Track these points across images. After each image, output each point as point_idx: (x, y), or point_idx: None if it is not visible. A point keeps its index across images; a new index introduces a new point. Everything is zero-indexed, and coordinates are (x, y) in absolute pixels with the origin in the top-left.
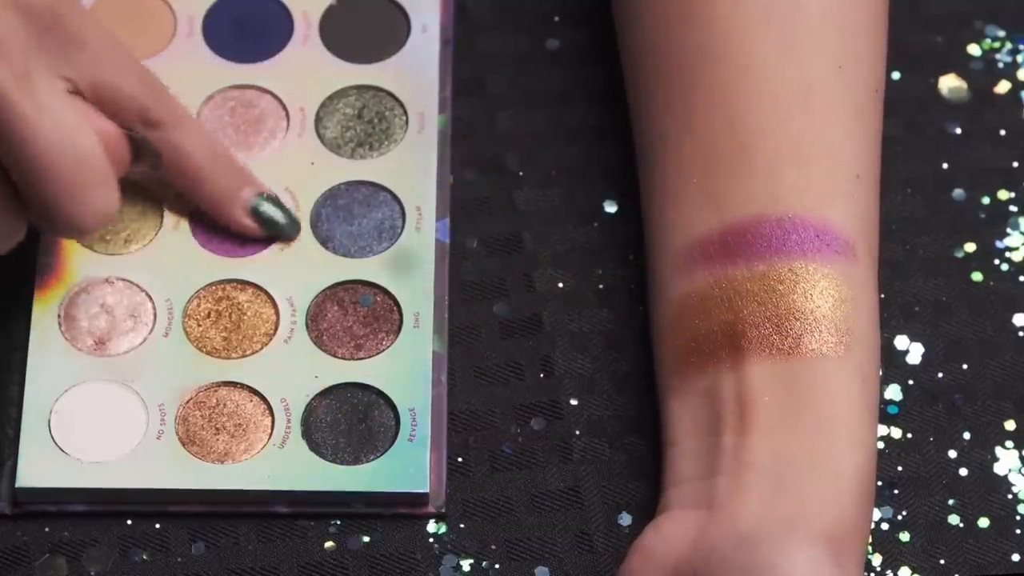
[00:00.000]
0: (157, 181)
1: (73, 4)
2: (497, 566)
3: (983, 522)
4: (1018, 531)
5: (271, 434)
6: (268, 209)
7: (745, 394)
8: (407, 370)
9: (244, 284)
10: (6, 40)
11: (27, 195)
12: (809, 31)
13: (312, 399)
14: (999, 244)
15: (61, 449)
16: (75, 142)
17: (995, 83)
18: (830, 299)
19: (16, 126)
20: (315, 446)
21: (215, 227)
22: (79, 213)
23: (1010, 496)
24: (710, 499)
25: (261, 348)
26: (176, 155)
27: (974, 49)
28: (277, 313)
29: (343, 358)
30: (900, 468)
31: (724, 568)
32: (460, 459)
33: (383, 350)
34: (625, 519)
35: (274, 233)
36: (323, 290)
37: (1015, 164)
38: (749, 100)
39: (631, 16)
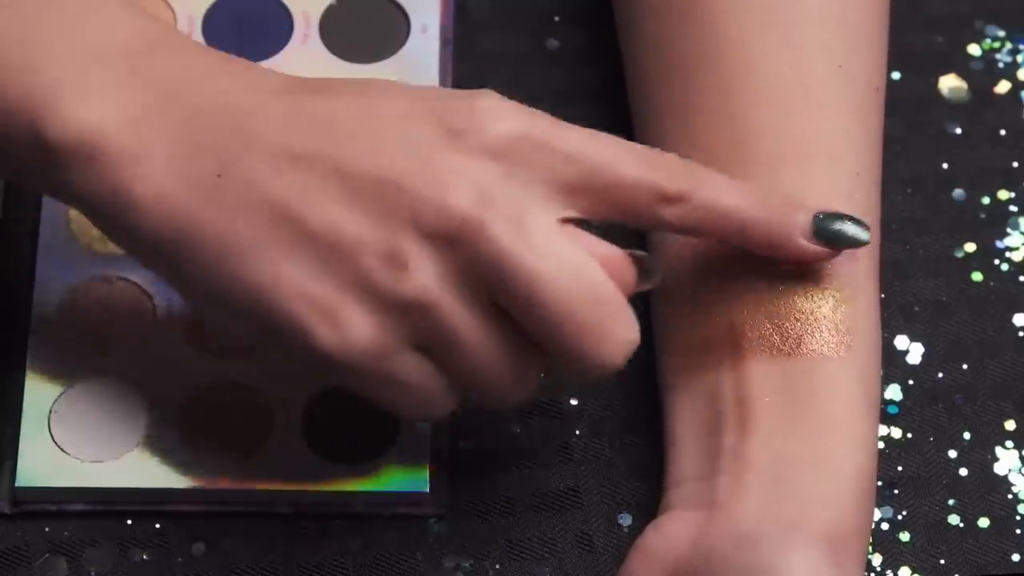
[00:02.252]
0: None
1: (536, 120)
2: (497, 566)
3: (983, 522)
4: (1018, 531)
5: (271, 434)
6: (832, 225)
7: (746, 394)
8: None
9: None
10: (490, 188)
11: (547, 344)
12: (809, 29)
13: (312, 399)
14: (999, 244)
15: (61, 449)
16: (582, 278)
17: (995, 83)
18: (831, 299)
19: (515, 275)
20: (315, 446)
21: None
22: (603, 350)
23: (1010, 496)
24: (711, 499)
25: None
26: (715, 217)
27: (974, 49)
28: None
29: None
30: (900, 468)
31: (724, 568)
32: (460, 459)
33: None
34: (625, 519)
35: (849, 245)
36: None
37: (1015, 164)
38: (749, 98)
39: (632, 13)
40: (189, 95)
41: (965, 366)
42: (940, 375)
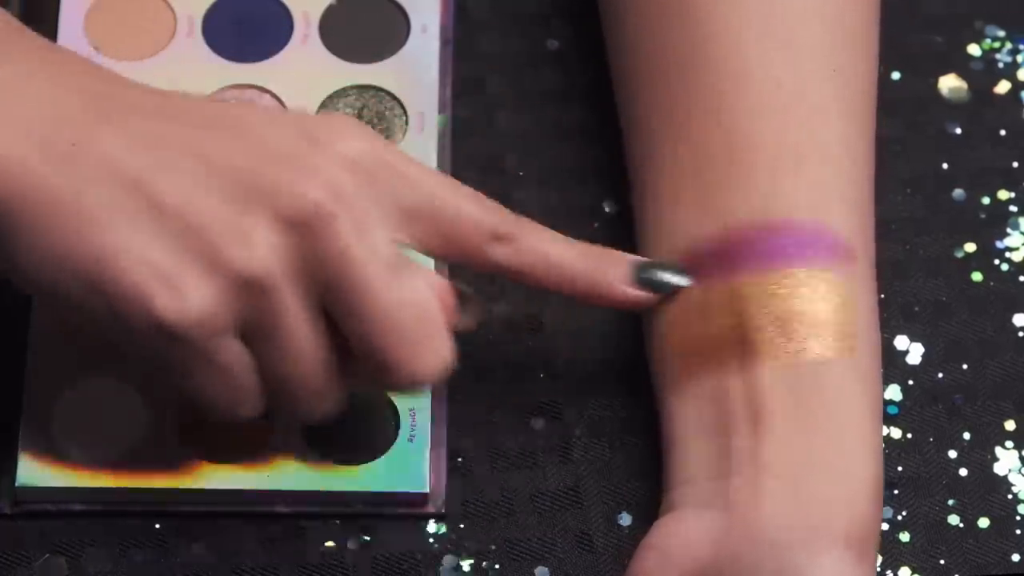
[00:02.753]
0: None
1: (387, 146)
2: (497, 566)
3: (983, 522)
4: (1018, 531)
5: (271, 434)
6: (650, 274)
7: (756, 397)
8: None
9: None
10: (345, 190)
11: (365, 351)
12: (805, 31)
13: None
14: (999, 244)
15: (61, 449)
16: (412, 293)
17: (995, 83)
18: (832, 302)
19: (357, 278)
20: (315, 445)
21: None
22: (420, 365)
23: (1010, 496)
24: (725, 500)
25: None
26: (541, 262)
27: (974, 49)
28: None
29: None
30: (900, 468)
31: (753, 572)
32: (460, 459)
33: None
34: (625, 519)
35: (670, 290)
36: None
37: (1015, 164)
38: (745, 102)
39: (619, 15)
40: (55, 67)
41: (965, 366)
42: (940, 375)
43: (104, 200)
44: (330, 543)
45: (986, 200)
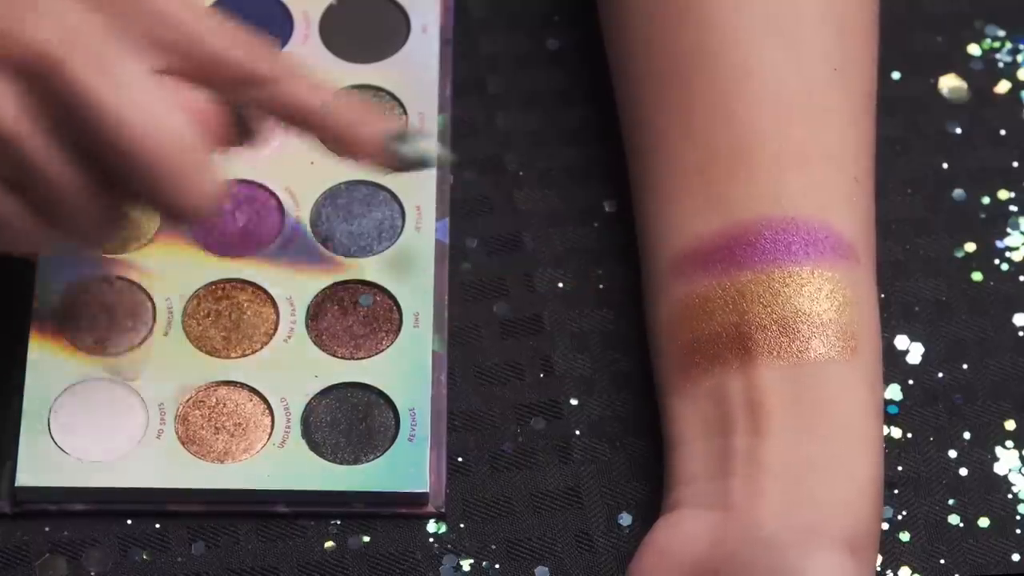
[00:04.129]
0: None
1: None
2: (497, 566)
3: (983, 522)
4: (1018, 531)
5: (271, 434)
6: (401, 148)
7: (756, 397)
8: (407, 370)
9: (244, 284)
10: (78, 29)
11: (127, 185)
12: (809, 33)
13: (312, 399)
14: (999, 244)
15: (61, 449)
16: (162, 124)
17: (995, 83)
18: (836, 302)
19: (98, 115)
20: (315, 446)
21: (214, 227)
22: (183, 197)
23: (1010, 496)
24: (725, 500)
25: (261, 347)
26: (296, 108)
27: (974, 49)
28: (277, 312)
29: (343, 358)
30: (900, 468)
31: (749, 571)
32: (460, 459)
33: (383, 350)
34: (625, 519)
35: (412, 168)
36: (323, 290)
37: (1015, 164)
38: (749, 102)
39: (622, 14)
40: None
41: (965, 366)
42: (940, 375)
43: None
44: (330, 543)
45: (986, 200)
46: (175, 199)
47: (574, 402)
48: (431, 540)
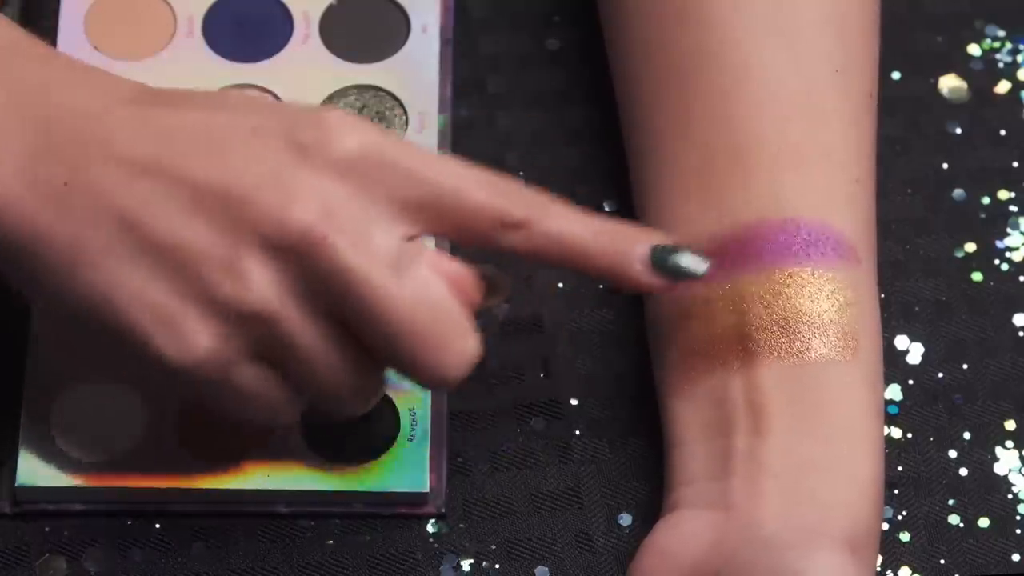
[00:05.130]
0: None
1: (382, 139)
2: (497, 566)
3: (983, 522)
4: (1018, 531)
5: (271, 434)
6: (668, 257)
7: (757, 397)
8: None
9: None
10: (335, 204)
11: (385, 358)
12: (809, 33)
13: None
14: (999, 244)
15: (61, 449)
16: (425, 296)
17: (995, 83)
18: (836, 303)
19: (361, 293)
20: (315, 446)
21: None
22: (442, 364)
23: (1010, 496)
24: (725, 501)
25: None
26: (555, 245)
27: (974, 49)
28: None
29: None
30: (900, 468)
31: (749, 572)
32: (460, 459)
33: None
34: (625, 519)
35: (686, 277)
36: None
37: (1015, 164)
38: (749, 102)
39: (622, 15)
40: (40, 101)
41: (965, 366)
42: (940, 375)
43: (97, 240)
44: (330, 543)
45: (986, 200)
46: (435, 369)
47: (574, 402)
48: (431, 540)
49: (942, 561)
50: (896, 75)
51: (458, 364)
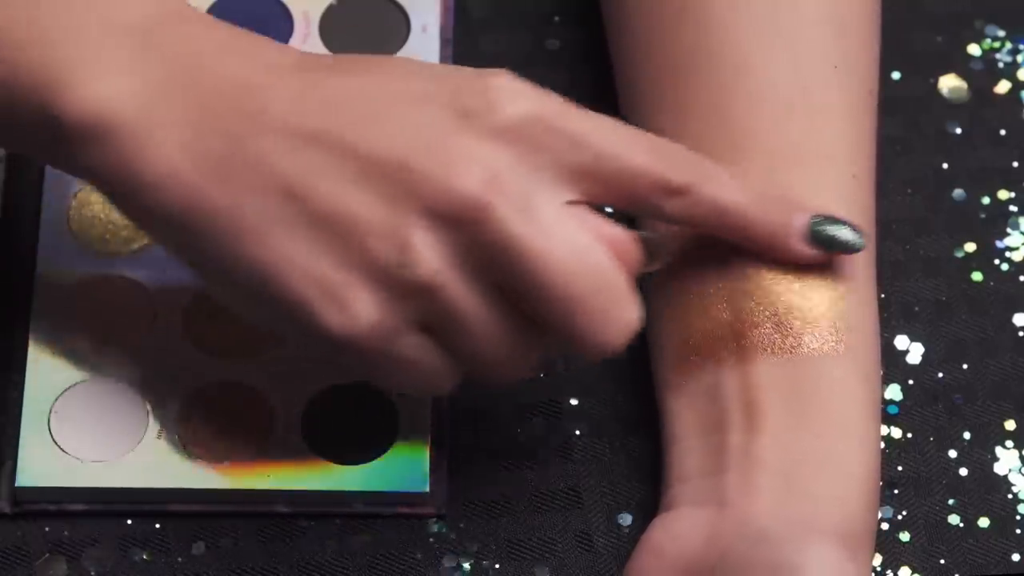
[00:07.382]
0: None
1: (548, 103)
2: (497, 566)
3: (983, 522)
4: (1018, 531)
5: (271, 434)
6: (827, 228)
7: (750, 393)
8: None
9: None
10: (499, 171)
11: (549, 326)
12: (807, 30)
13: (312, 399)
14: (999, 244)
15: (61, 449)
16: (587, 262)
17: (995, 83)
18: (827, 296)
19: (524, 260)
20: (315, 446)
21: None
22: (605, 333)
23: (1010, 496)
24: (720, 497)
25: (261, 347)
26: (715, 213)
27: (974, 49)
28: None
29: None
30: (900, 468)
31: (743, 567)
32: (460, 459)
33: None
34: (625, 519)
35: (842, 250)
36: None
37: (1015, 164)
38: (746, 100)
39: (622, 14)
40: (201, 72)
41: (965, 366)
42: (940, 375)
43: (260, 211)
44: (330, 543)
45: (986, 200)
46: (597, 337)
47: (574, 402)
48: (431, 540)
49: (942, 561)
50: (896, 75)
51: (619, 332)
